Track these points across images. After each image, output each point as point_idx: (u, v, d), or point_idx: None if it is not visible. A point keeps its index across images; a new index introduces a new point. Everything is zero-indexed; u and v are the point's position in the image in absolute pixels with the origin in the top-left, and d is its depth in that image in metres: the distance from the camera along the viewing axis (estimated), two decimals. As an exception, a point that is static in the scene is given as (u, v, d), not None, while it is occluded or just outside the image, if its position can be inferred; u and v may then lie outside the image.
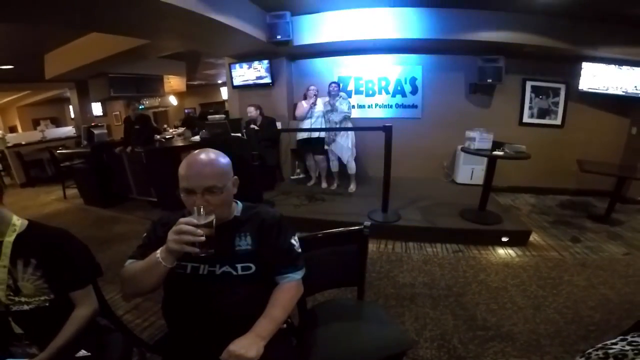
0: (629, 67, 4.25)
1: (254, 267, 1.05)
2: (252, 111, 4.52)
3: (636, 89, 4.31)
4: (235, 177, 1.07)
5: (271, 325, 0.99)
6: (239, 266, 1.04)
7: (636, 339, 0.68)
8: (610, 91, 4.37)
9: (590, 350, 0.70)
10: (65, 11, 2.78)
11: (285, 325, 1.15)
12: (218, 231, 0.94)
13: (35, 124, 9.74)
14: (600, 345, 0.70)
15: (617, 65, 4.27)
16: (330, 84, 4.15)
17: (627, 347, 0.67)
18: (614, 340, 0.69)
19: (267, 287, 1.10)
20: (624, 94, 4.35)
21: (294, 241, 1.16)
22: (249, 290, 1.05)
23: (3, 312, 1.09)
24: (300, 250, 1.17)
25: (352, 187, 4.49)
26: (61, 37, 5.18)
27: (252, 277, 1.05)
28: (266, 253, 1.08)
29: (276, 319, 1.01)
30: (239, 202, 1.17)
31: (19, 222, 1.13)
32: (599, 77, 4.36)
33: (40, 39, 4.95)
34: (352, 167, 4.38)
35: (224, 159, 1.04)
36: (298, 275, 1.14)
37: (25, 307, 1.10)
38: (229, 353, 0.88)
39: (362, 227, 1.43)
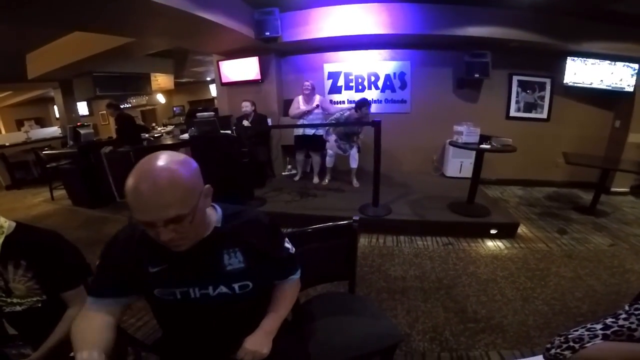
0: (612, 62, 4.34)
1: (251, 284, 0.95)
2: (247, 106, 4.50)
3: (619, 84, 4.40)
4: (207, 186, 0.83)
5: (277, 322, 1.03)
6: (235, 286, 0.93)
7: (594, 325, 0.76)
8: (594, 85, 4.46)
9: (554, 338, 0.79)
10: (48, 11, 2.71)
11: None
12: (197, 251, 0.85)
13: (19, 124, 9.52)
14: (563, 332, 0.79)
15: (600, 60, 4.36)
16: (362, 105, 3.90)
17: (585, 333, 0.75)
18: (576, 329, 0.78)
19: (267, 293, 1.08)
20: (607, 88, 4.44)
21: (288, 244, 1.08)
22: (249, 305, 0.98)
23: None
24: (294, 250, 1.10)
25: (356, 182, 4.47)
26: (43, 36, 5.06)
27: (251, 293, 0.95)
28: (263, 268, 0.97)
29: (281, 315, 1.06)
30: (217, 206, 0.96)
31: (6, 224, 1.12)
32: (583, 71, 4.44)
33: (21, 39, 4.83)
34: (356, 159, 4.36)
35: (186, 170, 0.75)
36: (297, 275, 1.13)
37: (18, 308, 1.10)
38: (245, 350, 0.93)
39: (352, 221, 1.43)
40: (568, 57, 4.39)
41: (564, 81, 4.50)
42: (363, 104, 3.87)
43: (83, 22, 3.26)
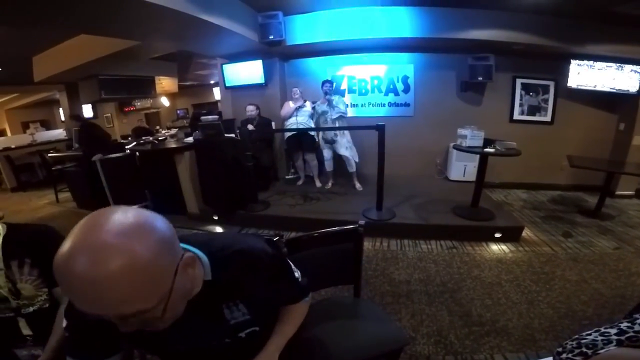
0: (616, 65, 4.32)
1: (259, 328, 0.85)
2: (252, 110, 4.53)
3: (623, 86, 4.38)
4: (188, 254, 0.62)
5: (283, 340, 0.94)
6: (242, 334, 0.82)
7: (608, 329, 0.74)
8: (598, 88, 4.44)
9: (566, 341, 0.76)
10: (54, 13, 2.74)
11: None
12: (188, 313, 0.65)
13: (25, 127, 9.57)
14: (576, 336, 0.76)
15: (605, 63, 4.34)
16: (324, 83, 4.19)
17: (598, 338, 0.72)
18: (589, 332, 0.75)
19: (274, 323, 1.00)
20: (611, 90, 4.42)
21: (296, 274, 0.97)
22: (258, 343, 0.90)
23: (11, 316, 1.09)
24: (302, 278, 0.99)
25: (359, 186, 4.49)
26: (50, 39, 5.12)
27: (259, 333, 0.86)
28: (269, 307, 0.90)
29: (287, 335, 0.96)
30: (199, 253, 0.71)
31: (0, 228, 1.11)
32: (587, 74, 4.42)
33: (28, 41, 4.89)
34: (352, 165, 4.39)
35: (146, 246, 0.51)
36: (306, 300, 1.05)
37: (31, 309, 1.11)
38: None
39: (357, 225, 1.44)
40: (572, 60, 4.38)
41: (568, 84, 4.49)
42: (325, 82, 4.19)
43: (89, 25, 3.29)
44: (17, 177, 6.80)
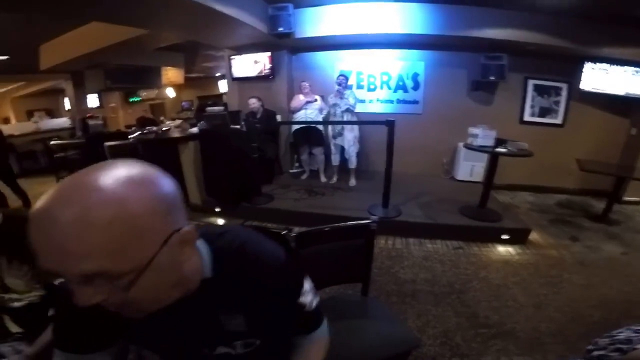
0: (631, 68, 4.25)
1: (258, 341, 0.69)
2: (254, 102, 4.48)
3: (638, 91, 4.31)
4: (186, 227, 0.52)
5: None
6: (237, 344, 0.68)
7: None
8: (612, 91, 4.36)
9: (597, 339, 0.73)
10: (63, 1, 2.72)
11: None
12: (180, 311, 0.59)
13: (30, 115, 9.58)
14: (607, 334, 0.74)
15: (620, 66, 4.26)
16: (339, 76, 4.17)
17: (633, 334, 0.70)
18: (619, 330, 0.73)
19: (284, 349, 0.80)
20: (625, 94, 4.35)
21: (307, 297, 0.74)
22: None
23: None
24: (316, 303, 0.77)
25: (353, 182, 4.48)
26: (57, 28, 5.10)
27: (260, 352, 0.70)
28: (273, 326, 0.70)
29: None
30: (204, 246, 0.63)
31: None
32: (601, 77, 4.35)
33: (35, 30, 4.86)
34: (353, 162, 4.37)
35: (139, 197, 0.44)
36: (316, 336, 0.82)
37: (17, 304, 1.06)
38: None
39: (370, 221, 1.40)
40: (586, 62, 4.31)
41: (581, 87, 4.42)
42: (339, 75, 4.18)
43: (98, 13, 3.28)
44: (19, 164, 6.80)
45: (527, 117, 4.80)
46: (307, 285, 0.74)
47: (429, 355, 1.85)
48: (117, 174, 0.44)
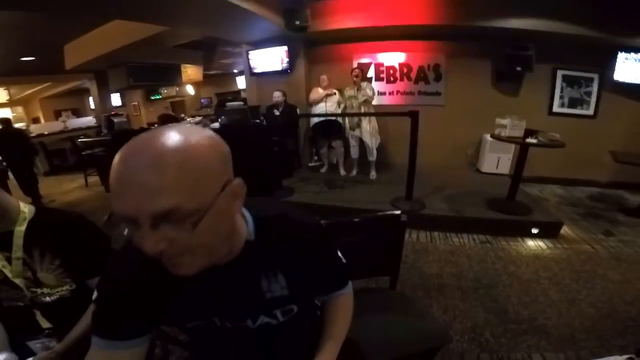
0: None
1: (296, 308, 0.77)
2: (278, 95, 4.51)
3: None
4: (238, 181, 0.57)
5: (337, 347, 0.84)
6: (277, 312, 0.75)
7: None
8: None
9: None
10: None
11: None
12: (226, 276, 0.65)
13: (57, 115, 9.96)
14: None
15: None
16: (354, 69, 4.13)
17: None
18: None
19: (314, 310, 0.92)
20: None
21: (339, 254, 0.86)
22: (295, 332, 0.82)
23: (27, 305, 1.04)
24: (343, 259, 0.88)
25: (374, 174, 4.43)
26: (80, 27, 5.24)
27: (296, 318, 0.78)
28: (310, 288, 0.81)
29: (340, 339, 0.86)
30: (245, 210, 0.70)
31: (27, 209, 1.05)
32: (635, 67, 4.11)
33: (59, 30, 5.01)
34: (373, 154, 4.32)
35: (209, 147, 0.51)
36: (347, 289, 0.92)
37: (48, 299, 1.05)
38: None
39: (399, 213, 1.36)
40: (619, 52, 4.09)
41: (614, 77, 4.20)
42: (354, 68, 4.15)
43: (119, 10, 3.34)
44: (49, 162, 7.08)
45: (556, 109, 4.60)
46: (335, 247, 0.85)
47: (457, 351, 1.80)
48: (184, 128, 0.52)
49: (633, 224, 3.46)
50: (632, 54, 4.08)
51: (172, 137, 0.48)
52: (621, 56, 4.13)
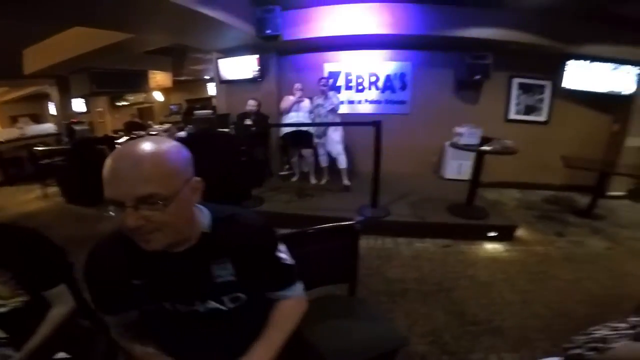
0: (615, 66, 4.34)
1: (244, 296, 0.85)
2: (253, 104, 4.50)
3: (618, 88, 4.41)
4: (197, 178, 0.76)
5: (268, 352, 0.87)
6: (225, 299, 0.83)
7: (617, 325, 0.72)
8: (594, 89, 4.46)
9: (574, 337, 0.76)
10: (51, 4, 2.70)
11: None
12: (183, 262, 0.78)
13: (14, 121, 9.39)
14: (584, 331, 0.74)
15: (601, 63, 4.35)
16: (321, 79, 4.18)
17: (609, 333, 0.72)
18: (596, 327, 0.74)
19: (266, 308, 0.96)
20: (606, 91, 4.45)
21: (284, 254, 0.94)
22: (246, 321, 0.89)
23: None
24: (291, 262, 0.95)
25: (347, 181, 4.43)
26: (41, 32, 5.02)
27: (245, 307, 0.86)
28: (254, 279, 0.87)
29: (273, 341, 0.89)
30: (204, 208, 0.85)
31: None
32: (583, 74, 4.44)
33: (18, 34, 4.78)
34: (342, 162, 4.36)
35: (174, 153, 0.70)
36: (291, 291, 0.97)
37: (2, 310, 1.05)
38: None
39: (354, 222, 1.41)
40: (568, 60, 4.39)
41: (564, 84, 4.50)
42: (321, 78, 4.25)
43: (82, 18, 3.26)
44: (4, 171, 6.65)
45: (512, 116, 4.87)
46: (283, 247, 0.94)
47: (418, 354, 1.85)
48: (156, 139, 0.72)
49: (582, 224, 3.71)
50: (581, 61, 4.39)
51: (149, 145, 0.67)
52: (570, 64, 4.42)
